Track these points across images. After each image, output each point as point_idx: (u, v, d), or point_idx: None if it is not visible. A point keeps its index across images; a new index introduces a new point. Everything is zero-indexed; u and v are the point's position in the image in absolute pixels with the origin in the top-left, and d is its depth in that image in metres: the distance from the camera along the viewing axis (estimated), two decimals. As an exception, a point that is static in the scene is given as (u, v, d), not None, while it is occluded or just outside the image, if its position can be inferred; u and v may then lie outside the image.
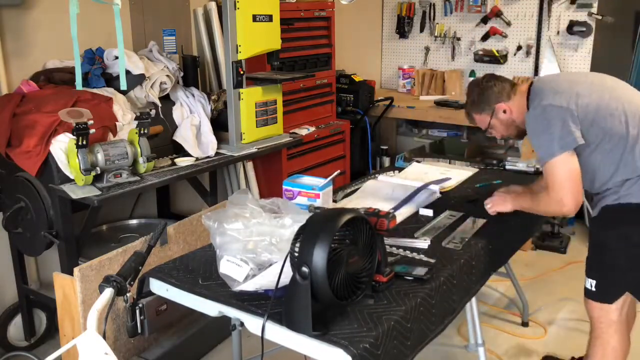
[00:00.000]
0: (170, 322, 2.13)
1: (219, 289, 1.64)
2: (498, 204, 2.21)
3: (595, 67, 4.28)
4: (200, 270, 1.78)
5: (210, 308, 1.63)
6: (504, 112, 2.19)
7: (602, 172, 2.03)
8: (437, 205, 2.33)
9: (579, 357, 2.64)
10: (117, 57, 2.69)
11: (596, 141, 1.99)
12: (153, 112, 2.59)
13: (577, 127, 1.96)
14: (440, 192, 2.47)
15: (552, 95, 2.02)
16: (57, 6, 2.73)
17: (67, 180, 2.36)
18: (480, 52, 4.62)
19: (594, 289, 2.13)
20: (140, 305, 1.67)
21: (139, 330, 1.67)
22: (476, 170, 2.82)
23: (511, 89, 2.20)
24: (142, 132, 2.47)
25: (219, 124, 3.00)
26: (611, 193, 2.05)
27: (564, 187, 1.95)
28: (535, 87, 2.13)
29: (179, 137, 2.83)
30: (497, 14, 4.50)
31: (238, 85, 2.88)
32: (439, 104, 4.31)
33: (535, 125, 2.03)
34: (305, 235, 1.38)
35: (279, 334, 1.47)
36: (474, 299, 2.12)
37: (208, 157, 2.85)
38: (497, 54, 4.54)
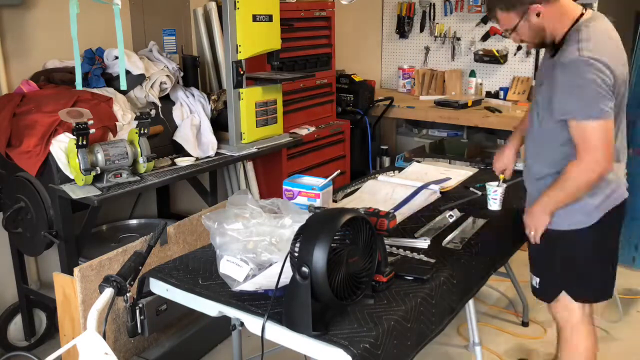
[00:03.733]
0: (170, 322, 2.13)
1: (219, 289, 1.64)
2: (535, 225, 2.04)
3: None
4: (200, 270, 1.78)
5: (210, 308, 1.64)
6: (538, 15, 1.86)
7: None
8: (437, 205, 2.34)
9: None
10: (117, 57, 2.69)
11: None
12: (153, 112, 2.59)
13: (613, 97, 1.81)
14: (441, 192, 2.47)
15: (602, 49, 1.81)
16: (57, 6, 2.73)
17: (67, 180, 2.36)
18: (480, 52, 4.62)
19: (537, 286, 2.17)
20: (140, 305, 1.67)
21: (139, 330, 1.67)
22: (476, 170, 2.82)
23: None
24: (142, 132, 2.47)
25: (219, 124, 3.00)
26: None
27: (598, 148, 1.79)
28: (589, 23, 1.87)
29: (179, 137, 2.83)
30: (497, 14, 4.49)
31: (238, 85, 2.88)
32: (439, 104, 4.31)
33: (577, 74, 1.79)
34: (305, 235, 1.38)
35: (279, 334, 1.47)
36: (471, 299, 2.13)
37: (208, 157, 2.86)
38: (497, 54, 4.54)
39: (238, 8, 2.78)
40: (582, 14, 1.91)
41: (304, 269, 1.34)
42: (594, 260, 2.05)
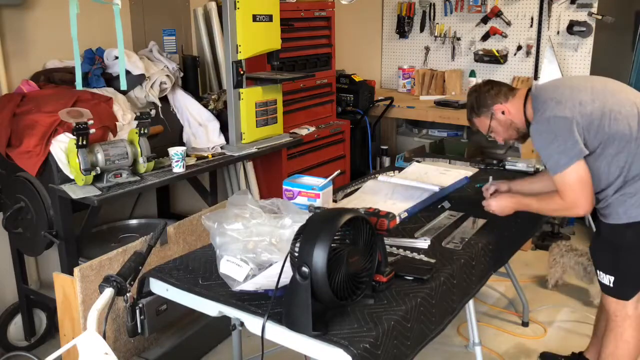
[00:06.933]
0: (170, 322, 2.13)
1: (219, 289, 1.64)
2: (499, 209, 2.18)
3: (595, 67, 4.29)
4: (200, 270, 1.78)
5: (210, 308, 1.64)
6: (502, 113, 2.18)
7: (607, 175, 2.04)
8: (437, 205, 2.33)
9: (579, 352, 2.65)
10: (117, 57, 2.69)
11: (600, 147, 2.00)
12: (153, 112, 2.59)
13: (582, 137, 1.97)
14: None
15: (554, 105, 2.02)
16: (57, 6, 2.73)
17: (67, 180, 2.36)
18: (480, 52, 4.62)
19: (612, 285, 2.18)
20: (140, 305, 1.67)
21: (139, 330, 1.68)
22: (476, 170, 2.82)
23: (509, 91, 2.21)
24: (142, 132, 2.47)
25: (219, 123, 3.00)
26: (621, 196, 2.05)
27: (576, 190, 1.97)
28: (536, 95, 2.12)
29: (188, 135, 2.85)
30: (497, 14, 4.50)
31: (238, 85, 2.88)
32: (439, 104, 4.31)
33: (541, 138, 2.02)
34: (305, 235, 1.38)
35: (279, 334, 1.47)
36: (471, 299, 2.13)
37: (219, 152, 2.89)
38: (497, 54, 4.54)
39: (238, 8, 2.78)
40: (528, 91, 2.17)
41: (304, 269, 1.34)
42: None
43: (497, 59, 4.54)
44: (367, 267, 1.47)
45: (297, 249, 1.38)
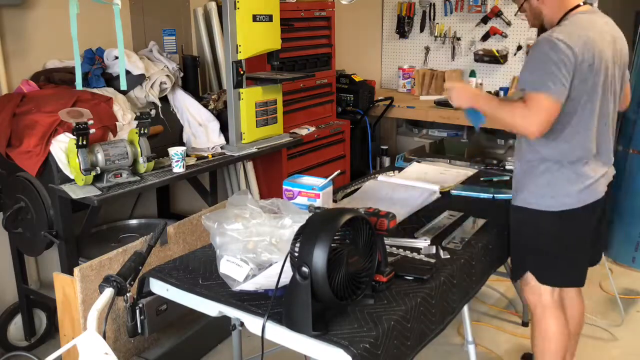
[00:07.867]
0: (170, 322, 2.13)
1: (219, 289, 1.64)
2: (455, 92, 2.10)
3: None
4: (200, 270, 1.78)
5: (210, 308, 1.64)
6: None
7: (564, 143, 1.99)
8: (437, 205, 2.33)
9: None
10: (117, 57, 2.69)
11: (580, 101, 1.95)
12: (153, 112, 2.59)
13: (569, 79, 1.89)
14: (440, 192, 2.47)
15: (568, 32, 1.92)
16: (57, 6, 2.73)
17: (67, 180, 2.36)
18: (480, 52, 4.62)
19: (510, 265, 2.25)
20: (140, 305, 1.67)
21: (139, 330, 1.68)
22: (476, 170, 2.82)
23: None
24: (142, 132, 2.47)
25: (219, 124, 3.00)
26: (540, 174, 2.04)
27: (541, 113, 1.87)
28: (567, 17, 2.02)
29: (188, 135, 2.85)
30: (497, 14, 4.50)
31: (238, 85, 2.88)
32: (439, 104, 4.31)
33: (537, 52, 1.94)
34: (305, 235, 1.38)
35: (279, 334, 1.47)
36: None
37: (219, 152, 2.89)
38: (497, 54, 4.54)
39: (238, 8, 2.78)
40: (578, 6, 2.03)
41: (304, 269, 1.34)
42: (559, 246, 2.10)
43: (497, 59, 4.54)
44: (367, 267, 1.47)
45: (297, 249, 1.38)
